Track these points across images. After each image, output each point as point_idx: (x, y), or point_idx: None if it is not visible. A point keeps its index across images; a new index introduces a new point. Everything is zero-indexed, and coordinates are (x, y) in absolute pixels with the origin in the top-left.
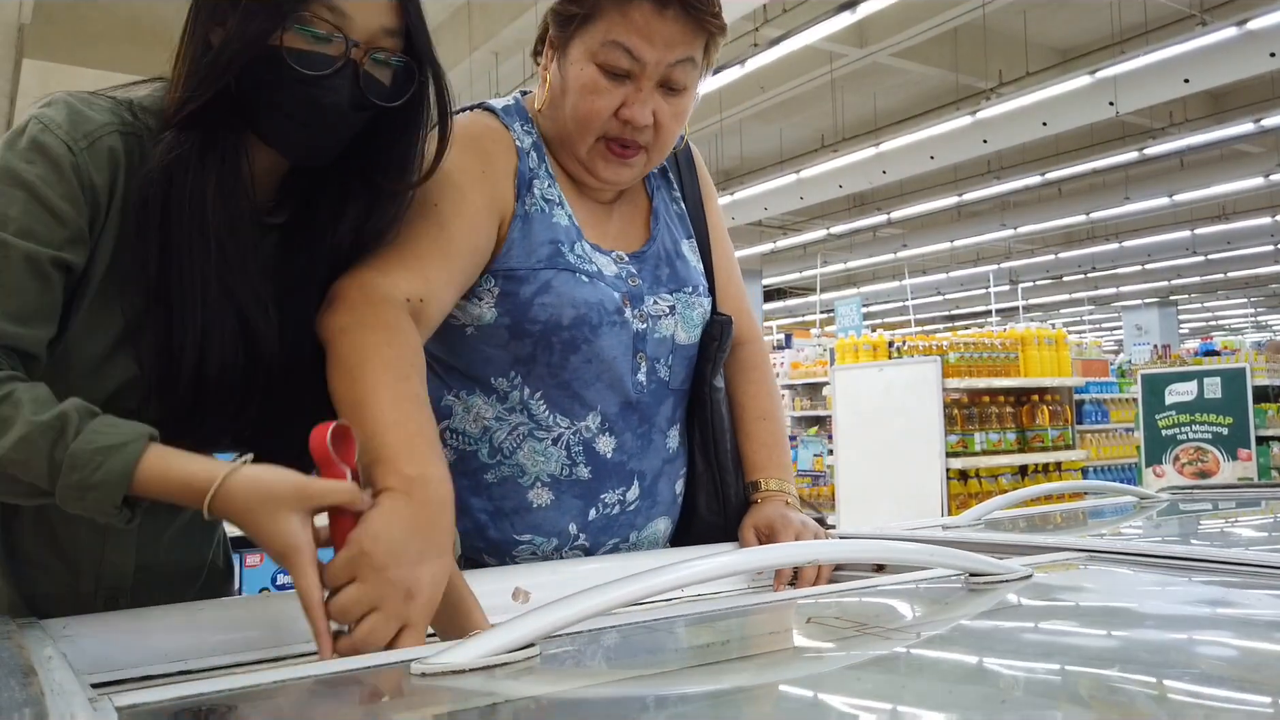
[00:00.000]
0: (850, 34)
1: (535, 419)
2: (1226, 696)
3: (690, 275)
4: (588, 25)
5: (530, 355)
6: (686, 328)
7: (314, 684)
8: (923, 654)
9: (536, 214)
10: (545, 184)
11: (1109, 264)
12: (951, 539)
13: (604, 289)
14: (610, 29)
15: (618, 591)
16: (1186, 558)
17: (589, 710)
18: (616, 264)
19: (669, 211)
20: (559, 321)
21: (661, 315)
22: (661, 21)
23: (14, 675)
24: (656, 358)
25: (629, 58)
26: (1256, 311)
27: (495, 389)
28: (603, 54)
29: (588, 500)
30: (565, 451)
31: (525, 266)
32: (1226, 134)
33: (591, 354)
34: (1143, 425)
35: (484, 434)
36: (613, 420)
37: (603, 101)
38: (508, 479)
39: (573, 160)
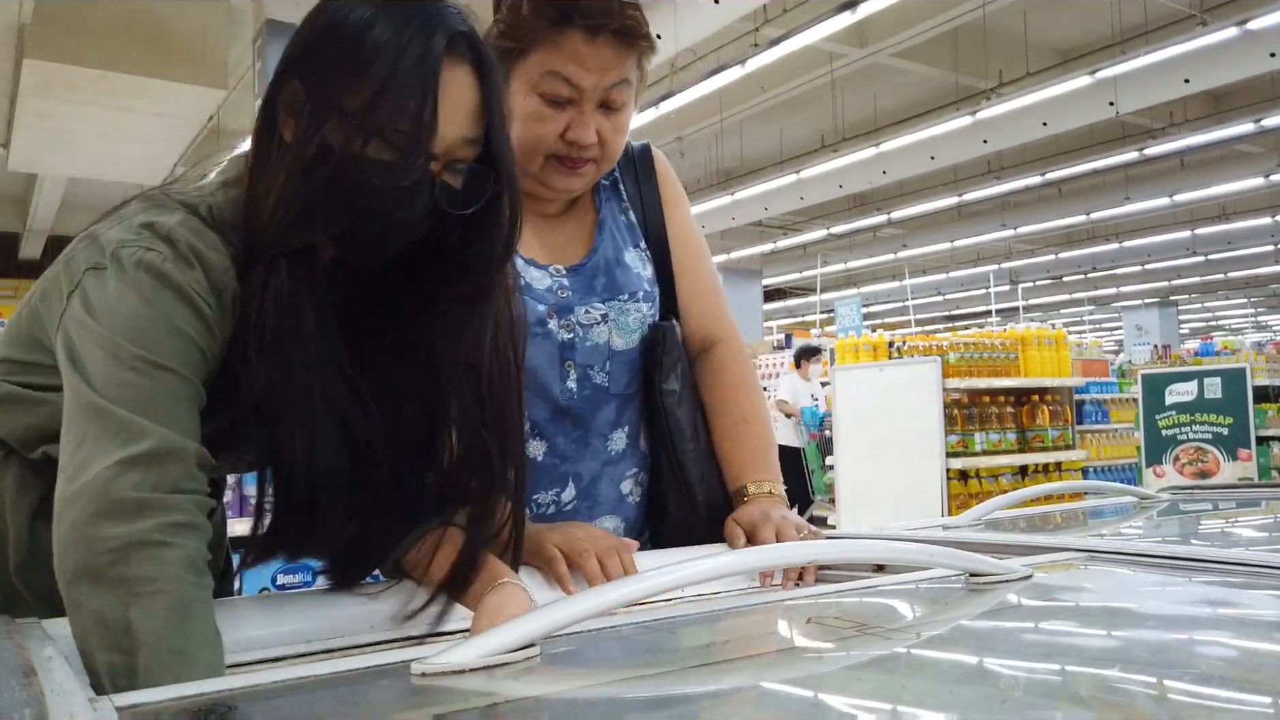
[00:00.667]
0: (850, 34)
1: None
2: (1226, 696)
3: (629, 282)
4: (524, 58)
5: None
6: (622, 334)
7: (314, 684)
8: (923, 654)
9: None
10: None
11: (1109, 264)
12: (951, 539)
13: (526, 303)
14: (546, 60)
15: (618, 591)
16: (1186, 558)
17: (589, 710)
18: (552, 277)
19: (616, 222)
20: None
21: (593, 324)
22: (593, 48)
23: (14, 675)
24: (589, 364)
25: (568, 85)
26: (1257, 312)
27: None
28: (543, 84)
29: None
30: None
31: None
32: (1227, 134)
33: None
34: (1143, 425)
35: None
36: (542, 426)
37: (548, 128)
38: None
39: (526, 179)
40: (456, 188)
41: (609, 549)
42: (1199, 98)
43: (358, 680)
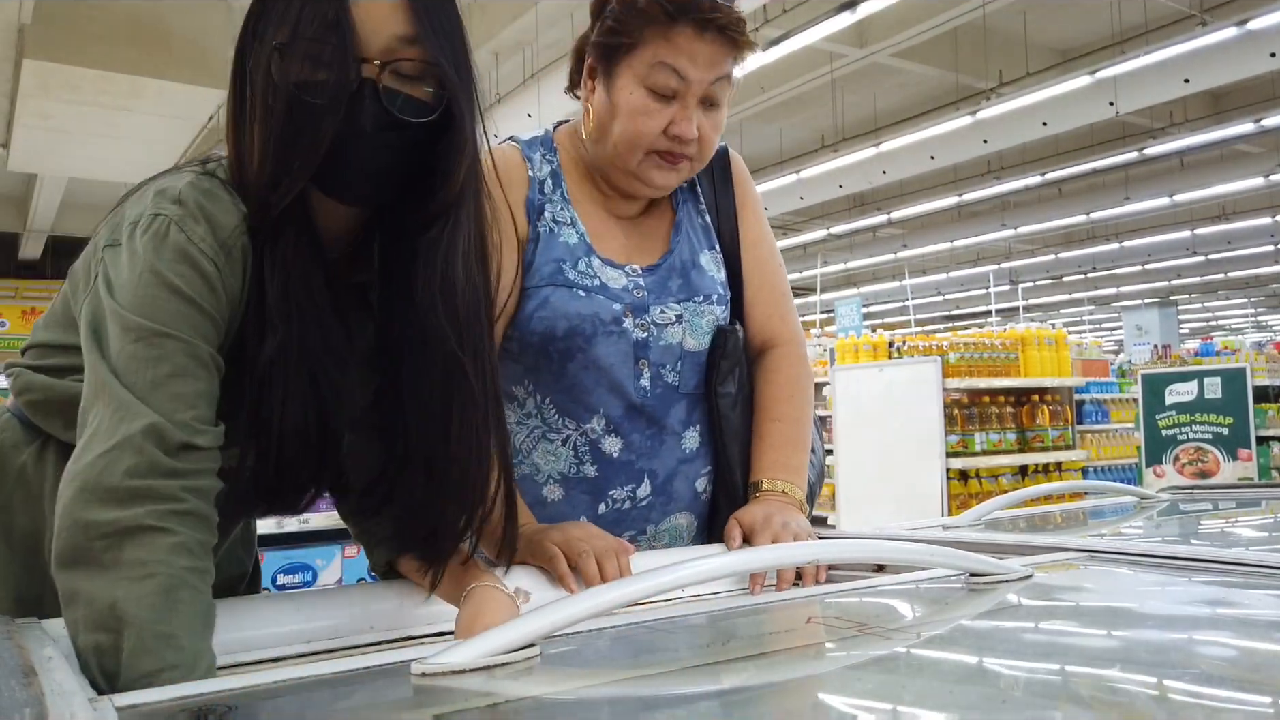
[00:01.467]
0: (850, 34)
1: (547, 422)
2: (1226, 696)
3: (704, 285)
4: (634, 51)
5: (535, 364)
6: (695, 335)
7: (314, 684)
8: (923, 654)
9: (545, 235)
10: (557, 207)
11: (1109, 264)
12: (951, 539)
13: (601, 301)
14: (657, 52)
15: (618, 591)
16: (1186, 558)
17: (589, 710)
18: (628, 276)
19: (692, 224)
20: (553, 333)
21: (668, 324)
22: (702, 43)
23: (14, 675)
24: (662, 363)
25: (676, 78)
26: (1257, 311)
27: (514, 396)
28: (651, 76)
29: (596, 496)
30: (572, 451)
31: (530, 285)
32: (1226, 134)
33: (588, 361)
34: (1143, 425)
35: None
36: (618, 422)
37: (653, 122)
38: (526, 476)
39: (623, 175)
40: (404, 92)
41: (607, 550)
42: (1199, 98)
43: (358, 680)
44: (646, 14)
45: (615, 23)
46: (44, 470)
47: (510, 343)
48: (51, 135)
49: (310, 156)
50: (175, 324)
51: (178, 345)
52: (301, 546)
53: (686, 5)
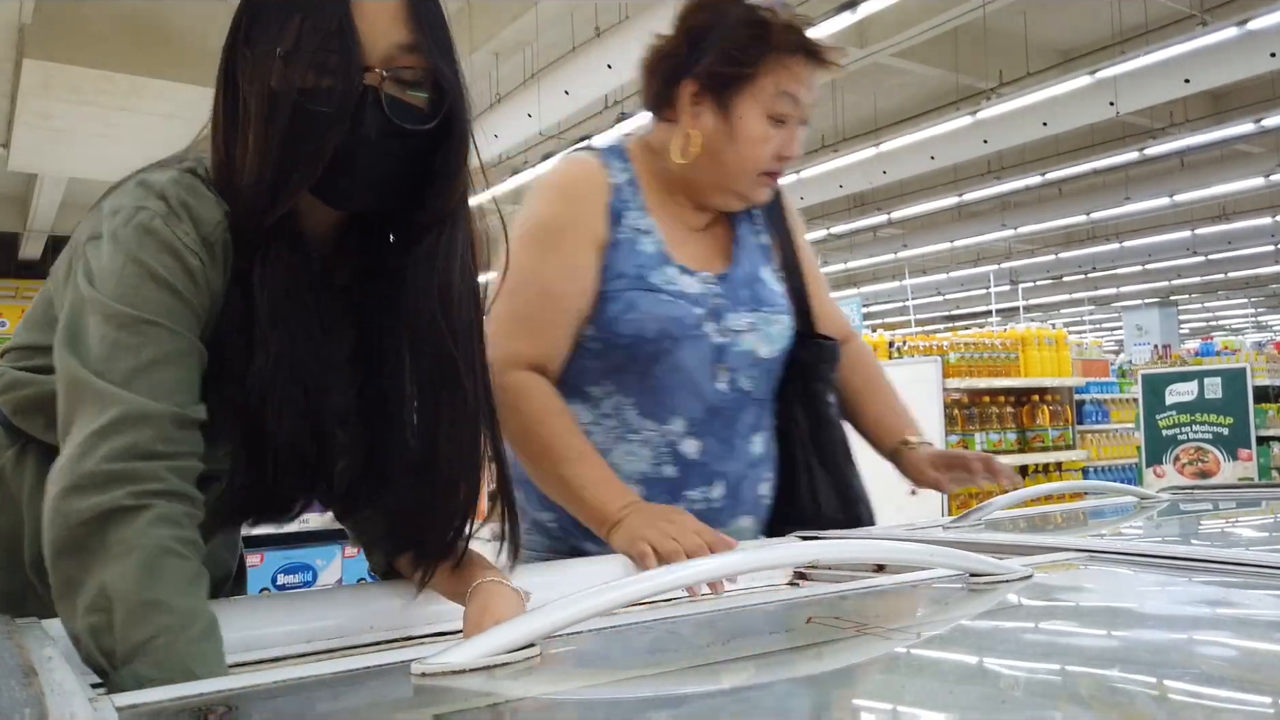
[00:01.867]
0: (850, 34)
1: (626, 423)
2: (1226, 696)
3: (769, 296)
4: (754, 82)
5: (620, 365)
6: (767, 343)
7: (314, 684)
8: (923, 654)
9: (625, 242)
10: (636, 216)
11: (1109, 264)
12: (951, 539)
13: (685, 306)
14: (779, 82)
15: (618, 591)
16: (1187, 558)
17: (589, 710)
18: (703, 284)
19: (753, 241)
20: (644, 334)
21: (743, 331)
22: (810, 70)
23: (14, 675)
24: (737, 369)
25: (794, 105)
26: (1257, 312)
27: (590, 396)
28: (775, 105)
29: (674, 497)
30: (653, 452)
31: (613, 289)
32: (1227, 134)
33: (673, 364)
34: (1143, 425)
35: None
36: (697, 425)
37: (769, 147)
38: None
39: (722, 193)
40: (404, 99)
41: (699, 548)
42: (1199, 98)
43: (358, 680)
44: (772, 46)
45: (737, 53)
46: (23, 473)
47: (592, 342)
48: (52, 135)
49: (313, 164)
50: (158, 312)
51: (161, 332)
52: (301, 546)
53: (806, 39)
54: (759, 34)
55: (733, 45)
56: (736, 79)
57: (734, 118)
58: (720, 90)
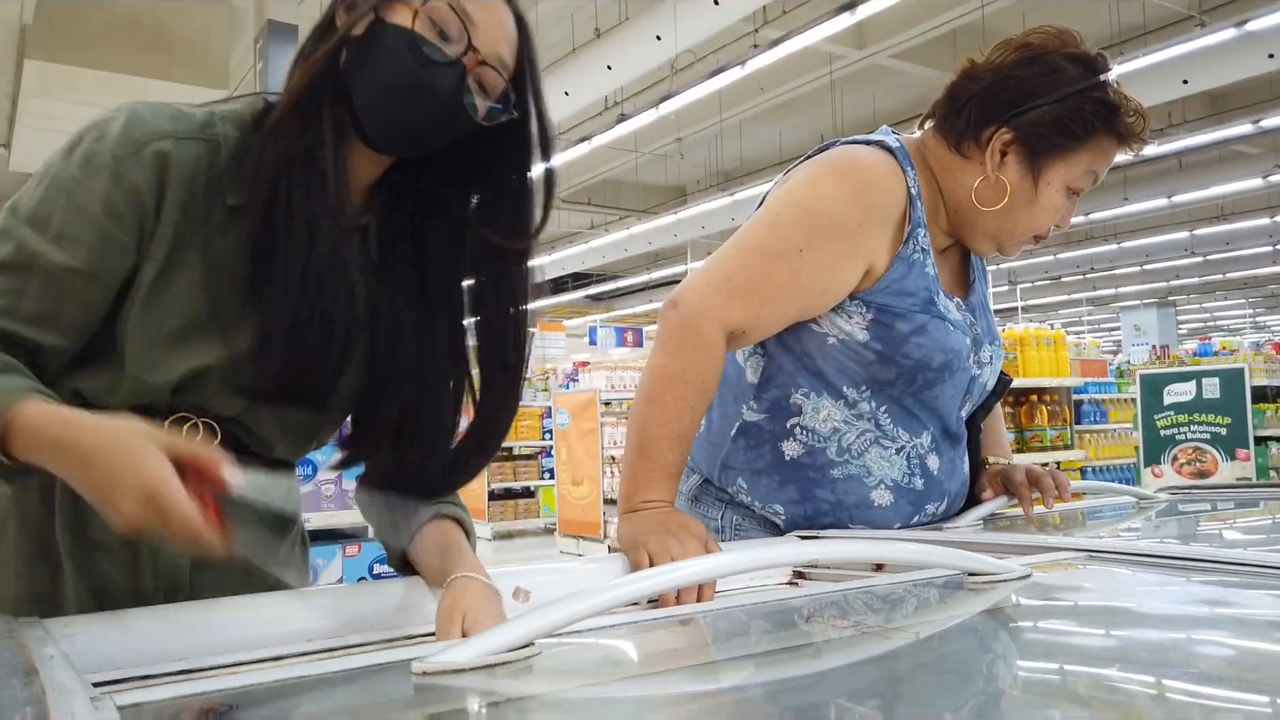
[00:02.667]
0: (850, 35)
1: (881, 428)
2: (1226, 696)
3: (995, 327)
4: (1075, 154)
5: (890, 380)
6: (993, 376)
7: (314, 684)
8: (922, 654)
9: (916, 261)
10: (922, 234)
11: (1107, 264)
12: (951, 539)
13: (961, 337)
14: (1094, 160)
15: (617, 591)
16: (1185, 558)
17: (589, 710)
18: (958, 311)
19: (979, 266)
20: (929, 363)
21: (986, 363)
22: (1115, 151)
23: (15, 674)
24: (974, 398)
25: (1092, 181)
26: (1255, 312)
27: (845, 396)
28: (1079, 180)
29: (916, 507)
30: (907, 461)
31: (903, 307)
32: (1225, 135)
33: (941, 391)
34: (1141, 425)
35: (833, 434)
36: (939, 442)
37: (1054, 217)
38: (854, 477)
39: (985, 240)
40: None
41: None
42: (1197, 98)
43: (358, 680)
44: (1107, 129)
45: (1070, 123)
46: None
47: (870, 352)
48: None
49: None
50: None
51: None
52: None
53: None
54: (1104, 114)
55: (1071, 115)
56: (1058, 147)
57: (1041, 181)
58: (1036, 151)
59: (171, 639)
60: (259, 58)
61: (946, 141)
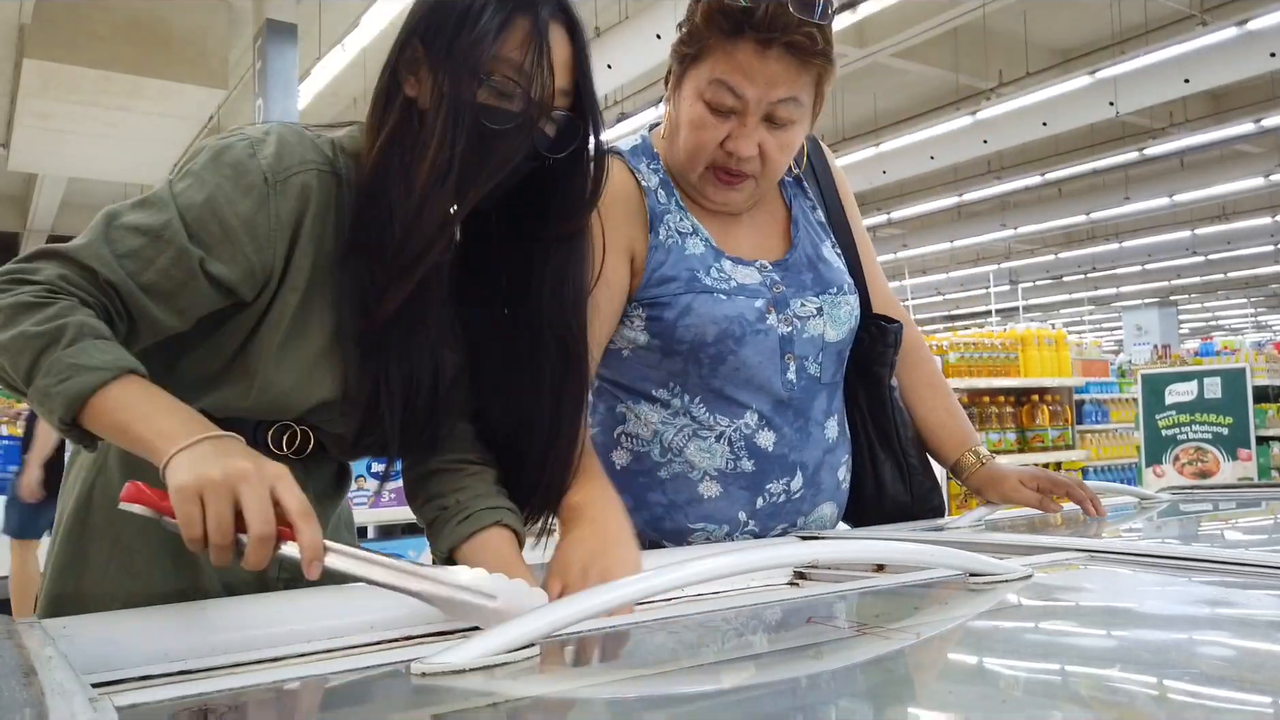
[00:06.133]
0: (850, 34)
1: (697, 420)
2: (1226, 696)
3: (834, 277)
4: (697, 64)
5: (682, 370)
6: (835, 326)
7: (314, 684)
8: (922, 654)
9: (672, 246)
10: (677, 218)
11: (1109, 264)
12: (951, 539)
13: (743, 302)
14: (715, 67)
15: (617, 592)
16: (1187, 558)
17: (589, 710)
18: (760, 273)
19: (808, 219)
20: (703, 339)
21: (809, 316)
22: (764, 61)
23: (14, 675)
24: (805, 356)
25: (732, 95)
26: (1256, 312)
27: (657, 399)
28: (709, 92)
29: (754, 490)
30: (728, 447)
31: (667, 294)
32: (1226, 134)
33: (738, 363)
34: (1143, 425)
35: (654, 436)
36: (769, 417)
37: (708, 135)
38: (679, 474)
39: (687, 184)
40: (551, 135)
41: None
42: (1199, 98)
43: (358, 680)
44: (707, 28)
45: (685, 34)
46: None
47: (650, 350)
48: (51, 135)
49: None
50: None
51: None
52: None
53: (744, 21)
54: (703, 15)
55: (688, 24)
56: (685, 58)
57: (680, 99)
58: (678, 70)
59: (171, 639)
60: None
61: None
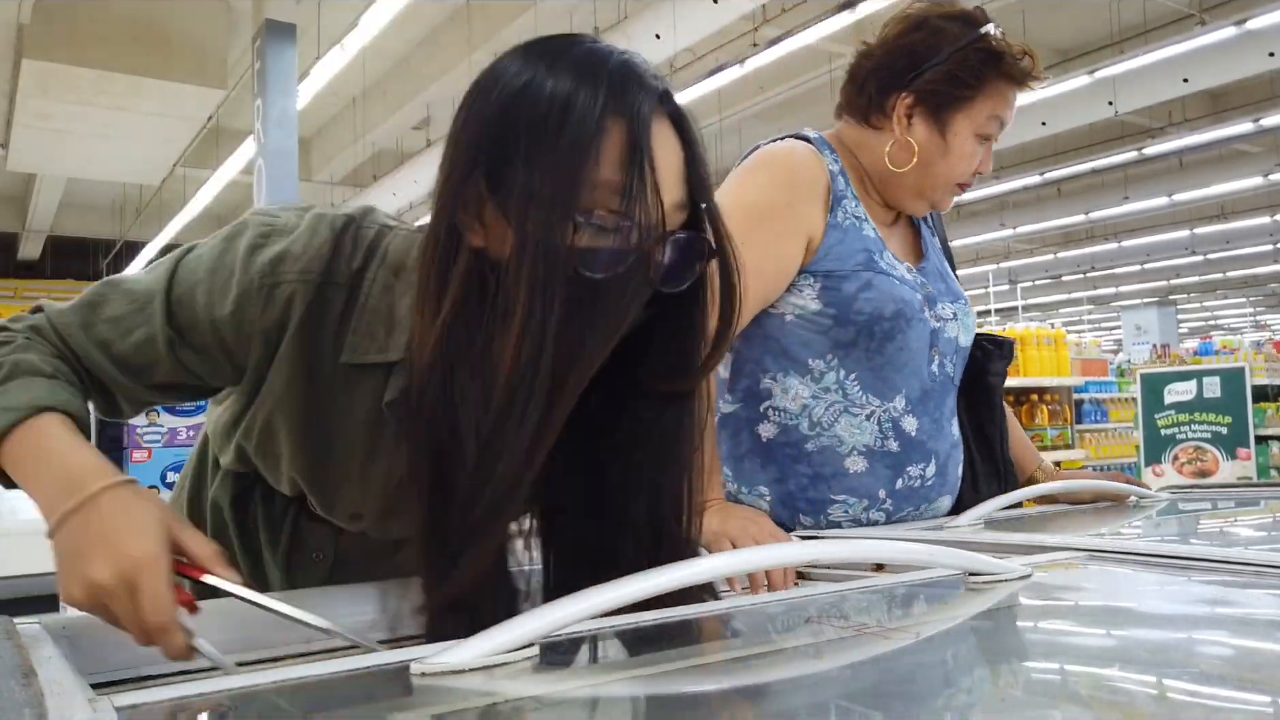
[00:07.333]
0: (849, 34)
1: (849, 397)
2: (1226, 696)
3: (959, 290)
4: (973, 103)
5: (851, 341)
6: (965, 332)
7: (314, 684)
8: (922, 654)
9: (849, 227)
10: (853, 204)
11: (1108, 264)
12: (951, 539)
13: (910, 290)
14: (994, 106)
15: (618, 591)
16: (1186, 557)
17: (589, 710)
18: (909, 273)
19: (930, 238)
20: (881, 313)
21: (948, 319)
22: (1014, 94)
23: (14, 675)
24: (945, 354)
25: (999, 127)
26: (1255, 311)
27: (811, 370)
28: (985, 126)
29: (896, 470)
30: (877, 426)
31: (846, 269)
32: (1225, 134)
33: (904, 343)
34: (1142, 425)
35: (803, 410)
36: (914, 403)
37: (971, 163)
38: (827, 448)
39: (914, 198)
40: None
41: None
42: (1198, 97)
43: (358, 680)
44: (997, 74)
45: (963, 75)
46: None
47: (823, 318)
48: (51, 135)
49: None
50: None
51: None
52: None
53: (1031, 72)
54: (991, 62)
55: (960, 68)
56: (957, 99)
57: (949, 134)
58: (937, 107)
59: None
60: (257, 57)
61: (856, 120)
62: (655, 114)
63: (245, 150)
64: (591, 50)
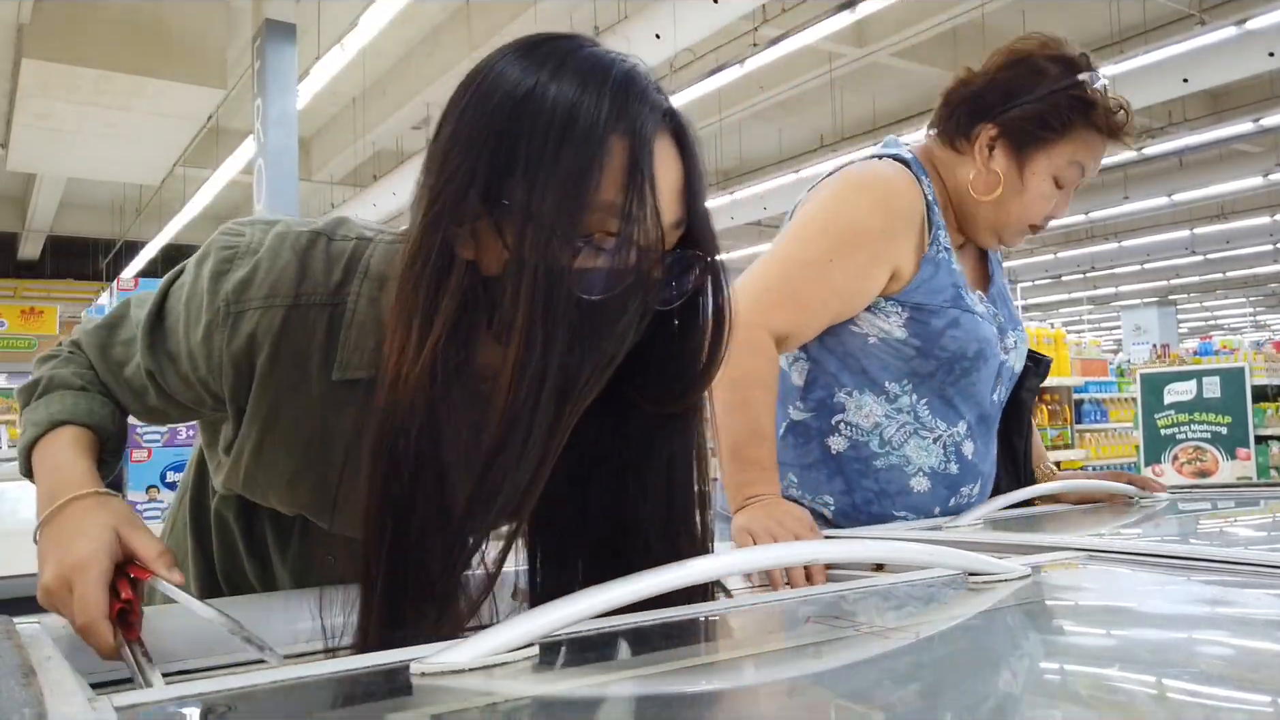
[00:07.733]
0: (849, 34)
1: (920, 420)
2: (1226, 696)
3: (1017, 314)
4: (1055, 145)
5: (930, 372)
6: (1020, 360)
7: (314, 684)
8: (921, 653)
9: (942, 260)
10: (944, 235)
11: (1108, 264)
12: (951, 538)
13: (989, 327)
14: (1076, 152)
15: (617, 591)
16: (1186, 557)
17: (589, 710)
18: (982, 303)
19: (996, 259)
20: (965, 352)
21: (1012, 349)
22: (1103, 146)
23: (13, 675)
24: (1004, 383)
25: (1080, 175)
26: (1255, 311)
27: (886, 391)
28: (1064, 171)
29: (952, 490)
30: (942, 450)
31: (935, 304)
32: (1225, 133)
33: (978, 379)
34: (1141, 425)
35: (875, 428)
36: (974, 429)
37: (1045, 207)
38: (894, 466)
39: (986, 231)
40: (662, 278)
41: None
42: (1198, 97)
43: (358, 680)
44: (1086, 122)
45: (1051, 118)
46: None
47: (908, 348)
48: (50, 135)
49: (604, 364)
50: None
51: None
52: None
53: (1122, 127)
54: (1080, 108)
55: (1049, 109)
56: (1039, 139)
57: (1026, 172)
58: (1020, 143)
59: (170, 639)
60: (257, 56)
61: (944, 142)
62: (658, 131)
63: (245, 150)
64: (594, 59)
